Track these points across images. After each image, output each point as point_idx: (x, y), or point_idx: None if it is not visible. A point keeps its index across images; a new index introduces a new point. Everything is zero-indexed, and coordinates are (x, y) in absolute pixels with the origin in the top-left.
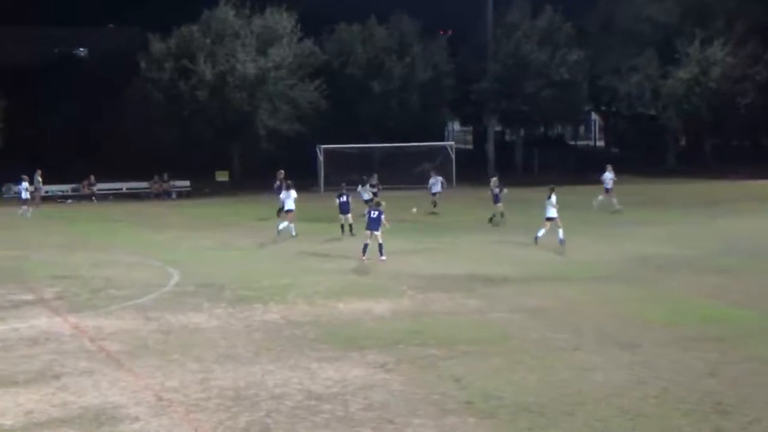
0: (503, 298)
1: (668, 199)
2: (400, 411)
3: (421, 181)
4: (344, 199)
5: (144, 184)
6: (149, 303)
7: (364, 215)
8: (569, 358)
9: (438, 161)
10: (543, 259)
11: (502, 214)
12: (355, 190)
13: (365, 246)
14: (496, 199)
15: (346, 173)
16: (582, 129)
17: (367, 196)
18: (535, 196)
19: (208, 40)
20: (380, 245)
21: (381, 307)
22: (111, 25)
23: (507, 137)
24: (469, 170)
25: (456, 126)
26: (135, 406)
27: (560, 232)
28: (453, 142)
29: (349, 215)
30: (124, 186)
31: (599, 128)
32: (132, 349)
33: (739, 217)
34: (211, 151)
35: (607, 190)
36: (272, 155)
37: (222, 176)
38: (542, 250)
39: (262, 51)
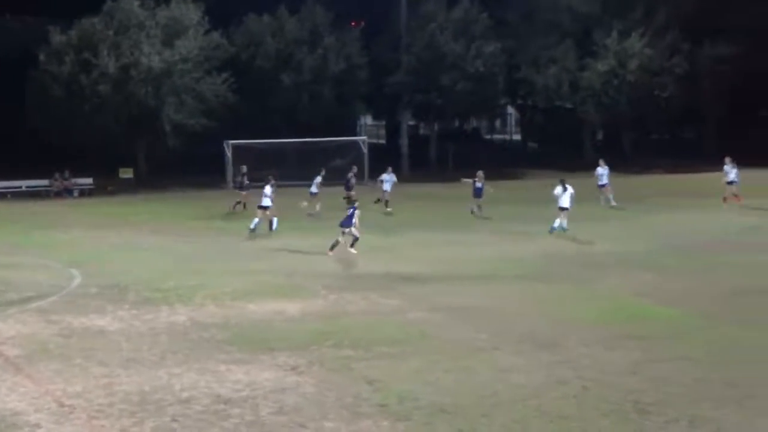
0: (422, 298)
1: (589, 195)
2: (312, 415)
3: (333, 177)
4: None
5: (44, 182)
6: (50, 306)
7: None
8: (488, 359)
9: (350, 157)
10: (465, 258)
11: (479, 207)
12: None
13: (335, 243)
14: (477, 192)
15: (257, 169)
16: (498, 123)
17: (315, 189)
18: (449, 192)
19: (111, 32)
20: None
21: (293, 307)
22: (8, 16)
23: (421, 131)
24: (382, 165)
25: (369, 120)
26: (35, 412)
27: (557, 221)
28: (365, 137)
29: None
30: (23, 184)
31: (516, 122)
32: (32, 354)
33: (664, 213)
34: (115, 148)
35: (601, 186)
36: (179, 151)
37: (126, 173)
38: (465, 247)
39: (167, 43)
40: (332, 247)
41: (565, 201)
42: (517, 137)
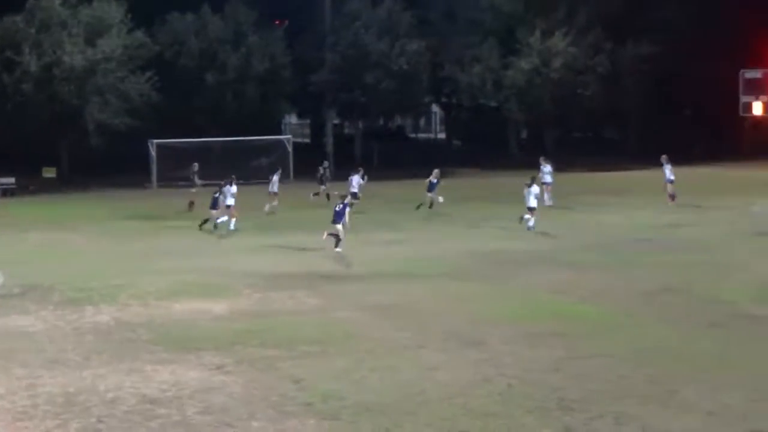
0: (346, 296)
1: (513, 193)
2: (238, 414)
3: (258, 176)
4: (216, 195)
5: None
6: None
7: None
8: (413, 357)
9: (274, 156)
10: (387, 256)
11: (431, 204)
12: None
13: (338, 237)
14: (430, 187)
15: (182, 168)
16: (423, 121)
17: (275, 188)
18: (375, 190)
19: (33, 30)
20: (339, 238)
21: (219, 307)
22: None
23: (346, 130)
24: (307, 164)
25: (294, 119)
26: None
27: (532, 221)
28: (290, 136)
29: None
30: None
31: (440, 120)
32: None
33: (586, 211)
34: (38, 147)
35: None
36: (103, 150)
37: (49, 173)
38: (389, 246)
39: (90, 42)
40: (337, 244)
41: (531, 201)
42: (441, 136)
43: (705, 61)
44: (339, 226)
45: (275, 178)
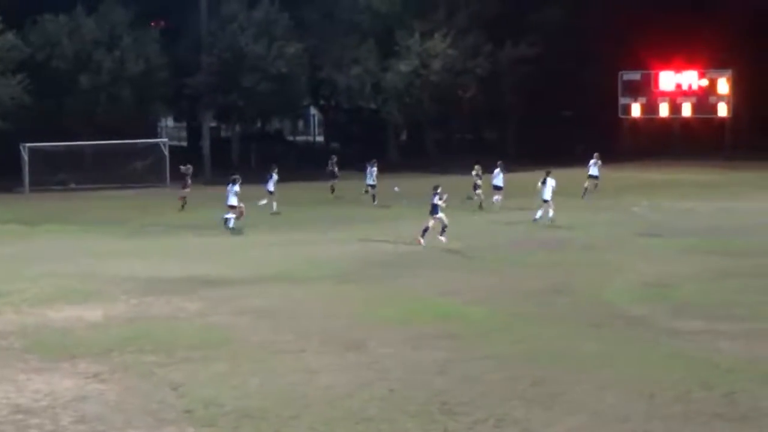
0: (225, 300)
1: (394, 195)
2: (114, 423)
3: (136, 180)
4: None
5: None
6: None
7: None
8: (294, 361)
9: (151, 160)
10: (270, 260)
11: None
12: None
13: (425, 229)
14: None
15: (55, 172)
16: (301, 124)
17: (272, 188)
18: (253, 193)
19: None
20: (430, 229)
21: (94, 313)
22: None
23: (223, 133)
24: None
25: (170, 122)
26: None
27: (551, 212)
28: (167, 139)
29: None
30: None
31: (319, 123)
32: None
33: (470, 212)
34: None
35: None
36: None
37: None
38: (270, 249)
39: None
40: (423, 233)
41: (546, 193)
42: (320, 138)
43: (584, 63)
44: (440, 216)
45: (273, 176)
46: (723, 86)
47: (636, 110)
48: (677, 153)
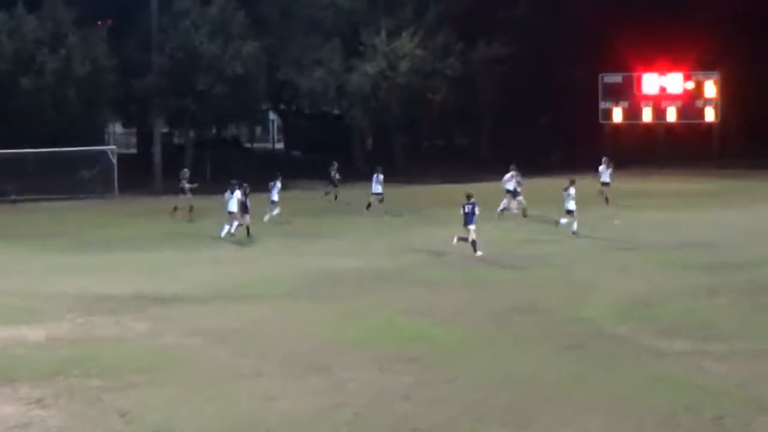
0: (177, 320)
1: (357, 205)
2: None
3: (80, 190)
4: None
5: None
6: None
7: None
8: (251, 386)
9: (98, 168)
10: (222, 276)
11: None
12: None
13: (473, 242)
14: (332, 181)
15: None
16: (259, 130)
17: (276, 197)
18: (208, 204)
19: None
20: (465, 239)
21: (36, 333)
22: None
23: (176, 140)
24: (134, 177)
25: (119, 128)
26: None
27: (575, 225)
28: (114, 147)
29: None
30: None
31: (278, 129)
32: None
33: (437, 224)
34: None
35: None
36: None
37: None
38: (223, 265)
39: None
40: (474, 248)
41: (570, 204)
42: (280, 145)
43: (563, 64)
44: (472, 227)
45: (277, 185)
46: (710, 89)
47: (617, 115)
48: (662, 161)
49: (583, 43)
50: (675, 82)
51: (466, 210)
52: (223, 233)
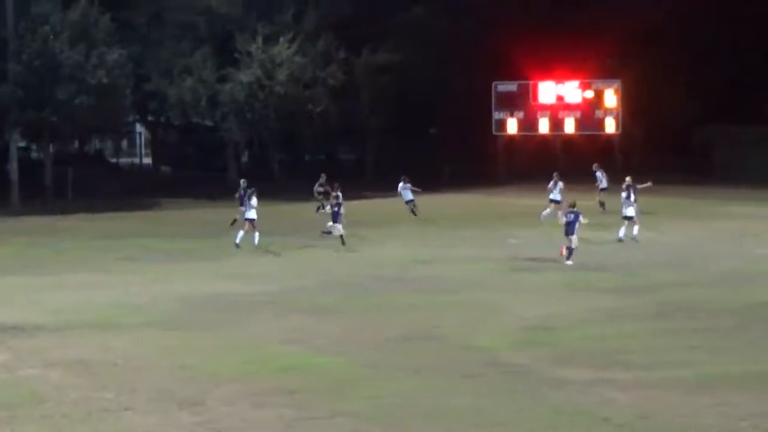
0: (36, 351)
1: (224, 226)
2: None
3: None
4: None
5: None
6: None
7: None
8: (117, 421)
9: None
10: (86, 302)
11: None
12: None
13: (570, 250)
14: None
15: None
16: (125, 143)
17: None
18: (68, 224)
19: None
20: (570, 250)
21: None
22: None
23: (33, 154)
24: None
25: None
26: None
27: (635, 228)
28: None
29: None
30: None
31: (146, 143)
32: None
33: (323, 247)
34: None
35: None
36: None
37: None
38: (87, 290)
39: None
40: (569, 255)
41: (628, 210)
42: (147, 160)
43: (454, 72)
44: (574, 237)
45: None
46: (611, 99)
47: (512, 126)
48: (561, 175)
49: (478, 51)
50: (573, 91)
51: (568, 218)
52: (256, 241)
